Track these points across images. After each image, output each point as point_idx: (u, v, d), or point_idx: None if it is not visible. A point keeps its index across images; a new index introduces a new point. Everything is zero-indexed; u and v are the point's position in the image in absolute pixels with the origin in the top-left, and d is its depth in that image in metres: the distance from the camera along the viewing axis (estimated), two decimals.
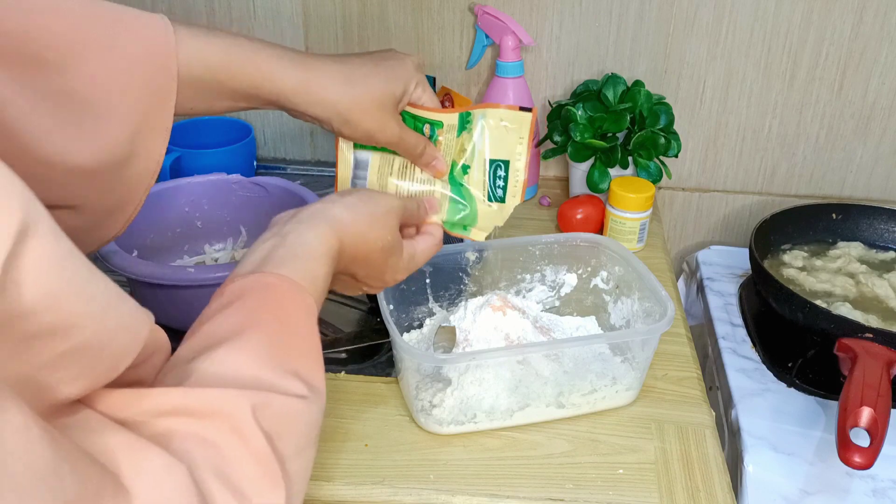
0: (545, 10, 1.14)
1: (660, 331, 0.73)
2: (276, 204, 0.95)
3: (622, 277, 0.84)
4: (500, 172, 0.73)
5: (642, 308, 0.80)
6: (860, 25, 1.10)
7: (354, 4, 1.16)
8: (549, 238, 0.87)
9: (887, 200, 1.20)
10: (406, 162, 0.72)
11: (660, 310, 0.75)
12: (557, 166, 1.24)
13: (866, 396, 0.75)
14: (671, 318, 0.73)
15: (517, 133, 0.72)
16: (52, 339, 0.33)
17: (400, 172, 0.72)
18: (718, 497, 0.68)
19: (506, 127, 0.72)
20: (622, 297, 0.84)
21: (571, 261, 0.88)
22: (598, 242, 0.86)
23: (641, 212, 1.01)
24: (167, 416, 0.40)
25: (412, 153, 0.70)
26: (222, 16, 1.18)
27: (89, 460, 0.34)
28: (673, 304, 0.75)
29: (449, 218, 0.72)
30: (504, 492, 0.68)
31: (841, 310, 0.92)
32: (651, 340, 0.75)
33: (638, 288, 0.81)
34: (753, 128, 1.18)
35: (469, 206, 0.73)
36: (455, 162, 0.73)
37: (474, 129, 0.72)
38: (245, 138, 1.15)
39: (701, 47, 1.14)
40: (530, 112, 0.71)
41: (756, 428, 0.83)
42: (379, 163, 0.72)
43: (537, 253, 0.87)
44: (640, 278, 0.80)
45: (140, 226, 0.91)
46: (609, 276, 0.86)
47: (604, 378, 0.76)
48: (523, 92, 1.13)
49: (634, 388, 0.77)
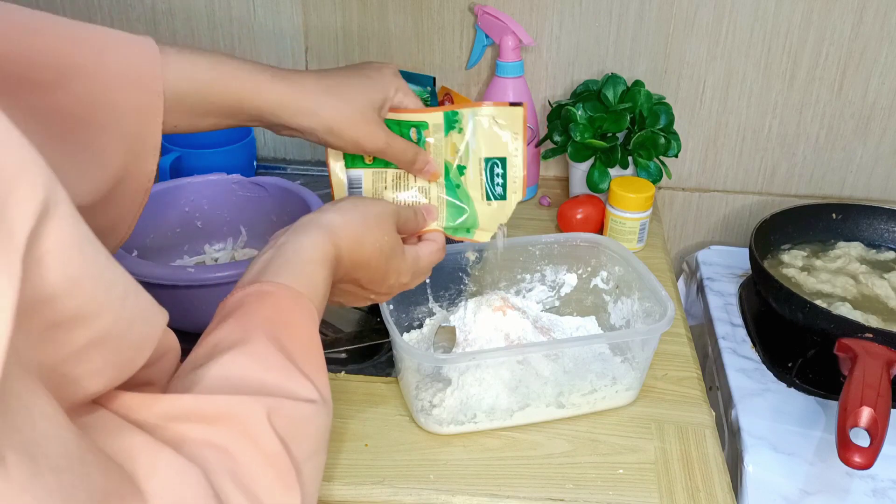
0: (545, 10, 1.14)
1: (660, 331, 0.73)
2: (276, 204, 0.95)
3: (622, 277, 0.84)
4: (498, 170, 0.73)
5: (642, 308, 0.80)
6: (860, 25, 1.10)
7: (354, 4, 1.16)
8: (549, 238, 0.87)
9: (887, 200, 1.20)
10: (400, 173, 0.72)
11: (660, 310, 0.75)
12: (557, 166, 1.24)
13: (866, 396, 0.75)
14: (671, 317, 0.73)
15: (510, 129, 0.72)
16: (74, 327, 0.33)
17: (395, 184, 0.72)
18: (718, 497, 0.68)
19: (499, 123, 0.72)
20: (622, 297, 0.84)
21: (571, 261, 0.88)
22: (598, 242, 0.86)
23: (641, 212, 1.01)
24: (180, 420, 0.40)
25: (402, 159, 0.70)
26: (222, 15, 1.18)
27: (108, 458, 0.34)
28: (673, 304, 0.75)
29: (449, 223, 0.72)
30: (504, 492, 0.68)
31: (841, 310, 0.92)
32: (651, 340, 0.75)
33: (638, 288, 0.81)
34: (753, 128, 1.18)
35: (468, 207, 0.72)
36: (449, 164, 0.72)
37: (466, 129, 0.71)
38: (245, 138, 1.15)
39: (701, 47, 1.14)
40: (521, 107, 0.71)
41: (756, 428, 0.83)
42: (372, 178, 0.72)
43: (537, 253, 0.87)
44: (640, 278, 0.80)
45: (140, 226, 0.90)
46: (609, 276, 0.86)
47: (604, 378, 0.76)
48: (523, 92, 1.13)
49: (634, 388, 0.77)
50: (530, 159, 1.16)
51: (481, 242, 0.75)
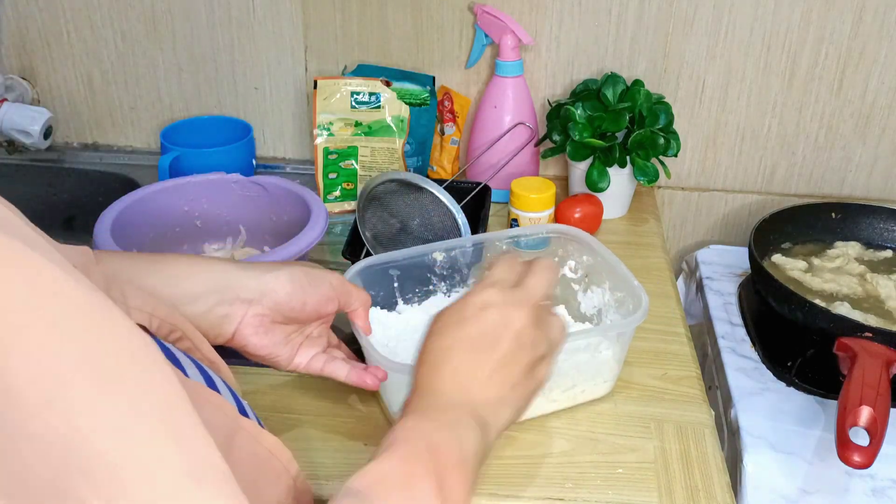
0: (545, 9, 1.14)
1: (634, 324, 0.73)
2: (275, 203, 0.95)
3: (591, 267, 0.84)
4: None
5: (614, 298, 0.80)
6: (859, 25, 1.10)
7: (354, 3, 1.16)
8: (515, 232, 0.86)
9: (886, 200, 1.20)
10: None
11: (633, 300, 0.75)
12: (556, 165, 1.25)
13: (865, 395, 0.75)
14: (646, 309, 0.73)
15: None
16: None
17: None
18: (717, 496, 0.68)
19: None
20: (592, 287, 0.84)
21: (539, 252, 0.87)
22: (566, 233, 0.85)
23: (543, 211, 1.02)
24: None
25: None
26: (222, 15, 1.18)
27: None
28: (646, 295, 0.74)
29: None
30: (504, 491, 0.68)
31: (840, 309, 0.92)
32: (629, 332, 0.75)
33: (609, 278, 0.81)
34: (753, 127, 1.18)
35: None
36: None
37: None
38: (244, 137, 1.15)
39: (700, 47, 1.14)
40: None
41: (755, 427, 0.84)
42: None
43: (503, 247, 0.86)
44: (610, 268, 0.80)
45: (140, 225, 0.91)
46: (577, 266, 0.85)
47: (584, 373, 0.76)
48: (522, 91, 1.13)
49: (611, 380, 0.78)
50: (529, 158, 1.16)
51: (443, 242, 0.75)
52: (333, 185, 1.14)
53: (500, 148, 1.13)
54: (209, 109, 1.26)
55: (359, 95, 1.11)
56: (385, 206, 0.95)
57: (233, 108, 1.25)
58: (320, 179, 1.13)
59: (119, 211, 0.88)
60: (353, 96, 1.11)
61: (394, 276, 0.83)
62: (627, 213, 1.15)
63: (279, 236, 0.93)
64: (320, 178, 1.13)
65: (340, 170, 1.13)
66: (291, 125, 1.26)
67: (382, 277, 0.82)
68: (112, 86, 1.26)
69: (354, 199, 1.13)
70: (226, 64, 1.22)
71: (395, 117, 1.11)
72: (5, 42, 1.24)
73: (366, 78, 1.11)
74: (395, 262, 0.81)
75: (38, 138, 1.21)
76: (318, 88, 1.10)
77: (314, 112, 1.11)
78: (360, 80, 1.11)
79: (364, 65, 1.19)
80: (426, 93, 1.14)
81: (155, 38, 1.21)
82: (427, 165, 1.20)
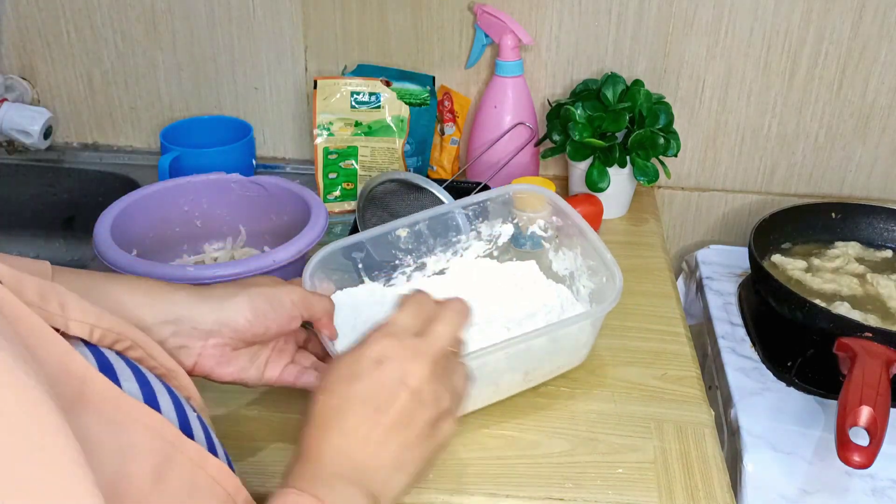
0: (544, 9, 1.14)
1: (605, 311, 0.73)
2: (275, 203, 0.95)
3: (562, 229, 0.84)
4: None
5: (587, 265, 0.80)
6: (859, 25, 1.10)
7: (354, 4, 1.16)
8: (481, 197, 0.84)
9: (887, 199, 1.20)
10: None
11: (606, 272, 0.76)
12: (556, 165, 1.24)
13: (865, 395, 0.75)
14: (619, 291, 0.73)
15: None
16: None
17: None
18: (717, 496, 0.68)
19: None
20: (563, 248, 0.84)
21: (507, 213, 0.86)
22: (534, 192, 0.84)
23: (543, 211, 1.01)
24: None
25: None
26: (222, 15, 1.18)
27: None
28: (620, 273, 0.74)
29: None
30: (503, 491, 0.68)
31: (840, 309, 0.92)
32: (599, 318, 0.76)
33: (580, 244, 0.81)
34: (753, 127, 1.18)
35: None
36: None
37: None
38: (244, 137, 1.15)
39: (700, 46, 1.14)
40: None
41: (755, 427, 0.84)
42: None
43: (470, 214, 0.85)
44: (580, 233, 0.79)
45: (140, 225, 0.91)
46: (547, 225, 0.85)
47: (561, 349, 0.77)
48: (522, 91, 1.13)
49: (587, 348, 0.79)
50: (529, 158, 1.16)
51: (405, 217, 0.76)
52: (333, 185, 1.14)
53: (500, 148, 1.13)
54: (209, 109, 1.26)
55: (359, 95, 1.11)
56: (385, 206, 0.95)
57: (233, 108, 1.26)
58: (320, 179, 1.13)
59: (119, 211, 0.88)
60: (353, 96, 1.11)
61: (357, 258, 0.81)
62: (627, 213, 1.15)
63: (279, 236, 0.93)
64: (320, 178, 1.13)
65: (340, 170, 1.13)
66: (291, 125, 1.26)
67: (345, 261, 0.80)
68: (112, 86, 1.26)
69: (354, 199, 1.14)
70: (226, 64, 1.22)
71: (395, 117, 1.11)
72: (5, 42, 1.24)
73: (366, 78, 1.11)
74: (357, 243, 0.80)
75: (38, 138, 1.21)
76: (318, 88, 1.10)
77: (314, 112, 1.11)
78: (359, 80, 1.11)
79: (364, 65, 1.19)
80: (426, 93, 1.14)
81: (155, 38, 1.21)
82: (427, 165, 1.20)
